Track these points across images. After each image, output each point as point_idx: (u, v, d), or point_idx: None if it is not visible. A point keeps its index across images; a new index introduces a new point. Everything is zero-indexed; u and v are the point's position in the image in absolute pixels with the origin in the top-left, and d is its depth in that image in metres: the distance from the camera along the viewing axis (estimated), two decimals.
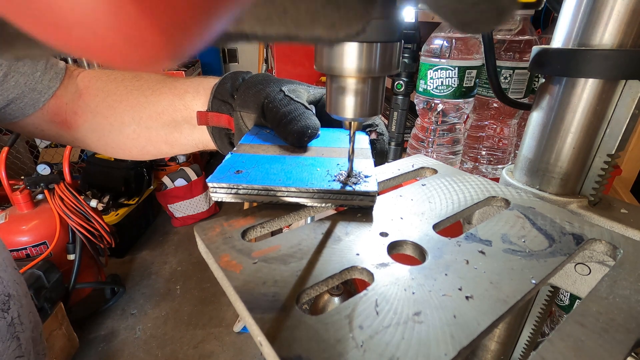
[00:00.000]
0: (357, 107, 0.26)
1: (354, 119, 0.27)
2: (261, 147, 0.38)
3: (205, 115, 0.43)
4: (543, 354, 0.20)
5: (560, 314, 0.65)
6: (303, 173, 0.33)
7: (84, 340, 1.71)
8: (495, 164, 0.81)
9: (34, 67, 0.45)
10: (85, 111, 0.48)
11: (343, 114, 0.27)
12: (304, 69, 2.23)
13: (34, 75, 0.45)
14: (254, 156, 0.36)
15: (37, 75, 0.45)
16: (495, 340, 0.46)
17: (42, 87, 0.46)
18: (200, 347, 1.71)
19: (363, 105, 0.26)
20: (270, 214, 0.32)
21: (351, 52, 0.23)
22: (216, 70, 3.18)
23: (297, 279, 0.24)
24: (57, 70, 0.48)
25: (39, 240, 1.63)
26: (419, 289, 0.23)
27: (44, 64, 0.46)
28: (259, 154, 0.37)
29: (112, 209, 2.17)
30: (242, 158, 0.36)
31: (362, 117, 0.27)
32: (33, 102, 0.46)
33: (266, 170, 0.33)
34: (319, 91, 0.44)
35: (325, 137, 0.42)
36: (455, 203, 0.34)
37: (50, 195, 1.63)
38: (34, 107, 0.46)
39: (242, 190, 0.31)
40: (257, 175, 0.32)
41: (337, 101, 0.27)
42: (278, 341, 0.19)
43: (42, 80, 0.46)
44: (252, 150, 0.38)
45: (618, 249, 0.29)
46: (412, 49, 0.73)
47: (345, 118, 0.27)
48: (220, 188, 0.31)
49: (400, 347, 0.19)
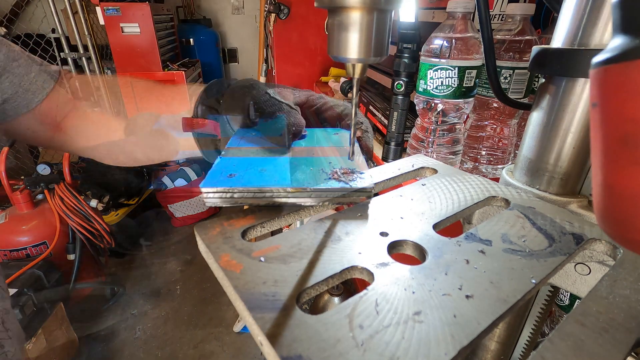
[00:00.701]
0: (362, 46, 0.24)
1: (358, 59, 0.25)
2: (249, 150, 0.38)
3: (190, 122, 0.43)
4: (543, 353, 0.20)
5: (560, 314, 0.65)
6: (298, 173, 0.33)
7: (84, 340, 1.71)
8: (495, 164, 0.81)
9: (29, 69, 0.46)
10: (75, 115, 0.49)
11: (346, 54, 0.25)
12: (304, 69, 2.22)
13: (28, 76, 0.46)
14: (244, 159, 0.36)
15: (31, 77, 0.46)
16: (495, 340, 0.46)
17: (35, 88, 0.47)
18: (200, 347, 1.71)
19: (368, 44, 0.24)
20: (270, 213, 0.32)
21: None
22: (216, 70, 3.17)
23: (298, 279, 0.24)
24: (50, 72, 0.48)
25: (39, 240, 1.63)
26: (419, 288, 0.23)
27: (37, 66, 0.47)
28: (249, 156, 0.37)
29: (112, 209, 2.17)
30: (233, 161, 0.35)
31: (367, 57, 0.25)
32: (26, 102, 0.46)
33: (259, 171, 0.33)
34: (304, 93, 0.45)
35: (311, 137, 0.42)
36: (455, 203, 0.34)
37: (50, 195, 1.62)
38: (27, 107, 0.47)
39: (237, 194, 0.31)
40: (250, 177, 0.32)
41: (339, 40, 0.24)
42: (278, 341, 0.19)
43: (36, 81, 0.46)
44: (241, 154, 0.37)
45: (618, 249, 0.29)
46: (412, 49, 0.73)
47: (348, 59, 0.25)
48: (214, 193, 0.31)
49: (401, 346, 0.19)
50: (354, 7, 0.23)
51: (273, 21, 2.07)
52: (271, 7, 2.00)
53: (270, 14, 2.05)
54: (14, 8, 2.56)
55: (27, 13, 2.61)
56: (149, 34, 2.16)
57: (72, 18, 2.16)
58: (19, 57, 0.45)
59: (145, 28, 2.14)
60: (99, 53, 2.33)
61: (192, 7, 3.15)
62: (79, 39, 2.24)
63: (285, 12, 2.01)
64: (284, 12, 2.01)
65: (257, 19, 3.20)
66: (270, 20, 2.10)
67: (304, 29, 2.10)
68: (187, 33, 2.93)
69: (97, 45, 2.32)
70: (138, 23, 2.12)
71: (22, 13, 2.58)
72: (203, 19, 3.12)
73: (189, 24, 3.01)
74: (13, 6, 2.57)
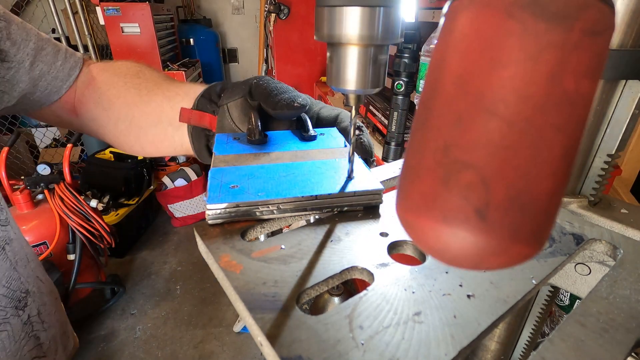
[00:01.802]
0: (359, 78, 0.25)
1: (355, 90, 0.26)
2: (239, 158, 0.36)
3: (188, 113, 0.44)
4: (543, 353, 0.20)
5: (560, 314, 0.65)
6: (305, 179, 0.32)
7: (84, 340, 1.71)
8: None
9: (55, 57, 0.47)
10: (89, 100, 0.50)
11: (345, 85, 0.26)
12: (304, 69, 2.22)
13: (56, 64, 0.47)
14: (240, 168, 0.34)
15: (58, 65, 0.47)
16: (495, 340, 0.46)
17: (63, 75, 0.48)
18: (200, 347, 1.71)
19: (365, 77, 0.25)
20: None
21: (353, 18, 0.22)
22: (216, 70, 3.17)
23: (298, 279, 0.24)
24: (75, 59, 0.50)
25: (39, 240, 1.63)
26: (419, 289, 0.23)
27: (64, 53, 0.48)
28: (243, 165, 0.35)
29: (112, 209, 2.17)
30: (228, 172, 0.33)
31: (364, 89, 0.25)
32: (56, 89, 0.48)
33: (263, 181, 0.31)
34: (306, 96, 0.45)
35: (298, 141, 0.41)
36: None
37: (50, 195, 1.62)
38: (57, 94, 0.48)
39: (246, 208, 0.29)
40: (256, 187, 0.30)
41: (337, 72, 0.25)
42: (278, 341, 0.19)
43: (62, 68, 0.48)
44: (233, 161, 0.35)
45: (618, 249, 0.29)
46: (412, 49, 0.73)
47: (346, 90, 0.26)
48: (222, 209, 0.29)
49: (401, 347, 0.19)
50: (351, 43, 0.24)
51: (273, 21, 2.07)
52: (271, 7, 2.00)
53: (270, 14, 2.05)
54: (14, 8, 2.56)
55: (27, 13, 2.61)
56: (149, 34, 2.16)
57: (72, 18, 2.16)
58: (46, 45, 0.46)
59: (145, 28, 2.14)
60: (99, 53, 2.34)
61: (192, 7, 3.15)
62: (79, 39, 2.24)
63: (285, 12, 2.01)
64: (284, 12, 2.01)
65: (257, 19, 3.20)
66: (270, 20, 2.10)
67: (304, 29, 2.10)
68: (187, 33, 2.93)
69: (97, 45, 2.32)
70: (138, 23, 2.12)
71: (22, 13, 2.58)
72: (203, 19, 3.12)
73: (189, 24, 3.01)
74: (13, 6, 2.57)
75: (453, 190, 0.12)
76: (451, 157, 0.13)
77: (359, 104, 0.28)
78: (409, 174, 0.14)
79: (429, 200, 0.13)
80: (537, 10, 0.11)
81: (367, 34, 0.23)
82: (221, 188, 0.30)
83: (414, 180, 0.14)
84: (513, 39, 0.12)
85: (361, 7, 0.22)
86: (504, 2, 0.12)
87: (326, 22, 0.23)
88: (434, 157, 0.13)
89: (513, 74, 0.12)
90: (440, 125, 0.13)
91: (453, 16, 0.13)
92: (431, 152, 0.13)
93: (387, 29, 0.23)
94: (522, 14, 0.11)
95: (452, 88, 0.13)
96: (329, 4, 0.23)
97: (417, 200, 0.14)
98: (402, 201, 0.15)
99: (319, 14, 0.24)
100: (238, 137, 0.41)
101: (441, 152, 0.13)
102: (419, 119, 0.14)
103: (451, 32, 0.13)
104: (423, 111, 0.14)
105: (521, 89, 0.12)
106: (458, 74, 0.13)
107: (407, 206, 0.14)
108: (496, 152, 0.12)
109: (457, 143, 0.12)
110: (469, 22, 0.13)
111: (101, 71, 0.51)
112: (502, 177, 0.12)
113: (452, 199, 0.12)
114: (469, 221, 0.12)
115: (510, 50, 0.12)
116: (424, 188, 0.13)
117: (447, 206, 0.13)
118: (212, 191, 0.29)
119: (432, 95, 0.14)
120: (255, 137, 0.38)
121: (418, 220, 0.14)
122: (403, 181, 0.15)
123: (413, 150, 0.14)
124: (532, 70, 0.11)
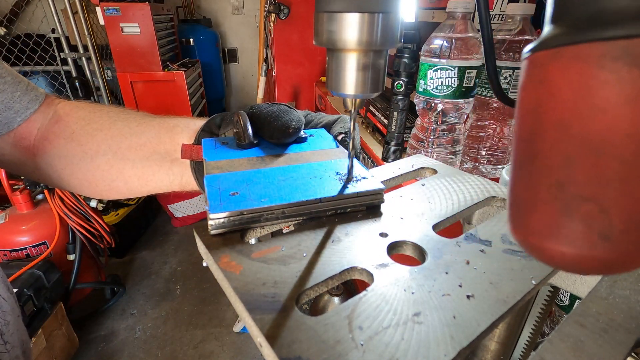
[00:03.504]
0: (359, 83, 0.25)
1: (355, 95, 0.26)
2: (232, 163, 0.35)
3: (190, 148, 0.41)
4: (543, 354, 0.20)
5: (560, 314, 0.65)
6: (305, 182, 0.32)
7: (84, 340, 1.71)
8: (495, 164, 0.81)
9: (15, 87, 0.44)
10: (58, 137, 0.46)
11: (344, 90, 0.26)
12: (304, 69, 2.22)
13: (14, 94, 0.44)
14: (236, 174, 0.33)
15: (16, 95, 0.44)
16: (495, 340, 0.46)
17: (19, 107, 0.44)
18: (200, 347, 1.71)
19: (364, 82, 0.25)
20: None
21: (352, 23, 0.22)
22: (216, 70, 3.17)
23: (297, 280, 0.24)
24: (37, 93, 0.46)
25: (39, 241, 1.63)
26: (419, 289, 0.23)
27: (25, 85, 0.45)
28: (237, 170, 0.34)
29: (112, 209, 2.17)
30: (225, 178, 0.32)
31: (363, 93, 0.26)
32: (8, 121, 0.44)
33: (263, 186, 0.31)
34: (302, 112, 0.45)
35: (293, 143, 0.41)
36: (455, 203, 0.34)
37: (50, 195, 1.62)
38: (7, 126, 0.44)
39: (250, 215, 0.28)
40: (257, 193, 0.30)
41: (337, 77, 0.25)
42: (278, 342, 0.19)
43: (20, 100, 0.44)
44: (227, 167, 0.34)
45: None
46: (412, 49, 0.73)
47: (346, 95, 0.26)
48: (226, 218, 0.28)
49: (400, 347, 0.19)
50: (350, 49, 0.24)
51: (273, 21, 2.07)
52: (271, 7, 2.00)
53: (270, 14, 2.05)
54: (14, 8, 2.56)
55: (27, 13, 2.61)
56: (149, 34, 2.16)
57: (72, 18, 2.16)
58: (6, 75, 0.43)
59: (145, 28, 2.14)
60: (99, 53, 2.33)
61: (192, 7, 3.15)
62: (79, 39, 2.24)
63: (285, 12, 2.01)
64: (284, 12, 2.01)
65: (257, 19, 3.20)
66: (270, 20, 2.09)
67: (304, 29, 2.10)
68: (187, 33, 2.93)
69: (97, 45, 2.32)
70: (138, 23, 2.12)
71: (22, 13, 2.57)
72: (203, 19, 3.12)
73: (189, 24, 3.01)
74: (13, 6, 2.57)
75: (575, 220, 0.14)
76: (567, 192, 0.14)
77: (359, 108, 0.28)
78: (522, 205, 0.16)
79: (553, 228, 0.15)
80: (629, 60, 0.12)
81: (366, 40, 0.23)
82: (221, 196, 0.29)
83: (531, 211, 0.16)
84: (609, 87, 0.13)
85: (360, 13, 0.22)
86: (592, 55, 0.13)
87: (325, 28, 0.23)
88: (549, 191, 0.15)
89: (615, 116, 0.13)
90: (550, 164, 0.15)
91: (541, 66, 0.15)
92: (545, 187, 0.15)
93: (386, 34, 0.23)
94: (614, 65, 0.12)
95: (555, 132, 0.14)
96: (328, 10, 0.23)
97: (540, 228, 0.15)
98: (521, 228, 0.17)
99: (318, 19, 0.24)
100: (226, 141, 0.40)
101: (555, 188, 0.15)
102: (523, 156, 0.16)
103: (541, 82, 0.15)
104: (525, 150, 0.16)
105: (625, 129, 0.13)
106: (558, 120, 0.14)
107: (528, 232, 0.16)
108: (610, 185, 0.13)
109: (572, 180, 0.14)
110: (561, 73, 0.14)
111: (76, 108, 0.48)
112: (620, 205, 0.13)
113: (575, 227, 0.14)
114: (595, 245, 0.14)
115: (608, 97, 0.13)
116: (544, 218, 0.15)
117: (572, 234, 0.14)
118: (213, 200, 0.29)
119: (533, 137, 0.15)
120: (245, 142, 0.38)
121: (544, 244, 0.16)
122: (517, 211, 0.17)
123: (524, 185, 0.16)
124: (632, 112, 0.12)
